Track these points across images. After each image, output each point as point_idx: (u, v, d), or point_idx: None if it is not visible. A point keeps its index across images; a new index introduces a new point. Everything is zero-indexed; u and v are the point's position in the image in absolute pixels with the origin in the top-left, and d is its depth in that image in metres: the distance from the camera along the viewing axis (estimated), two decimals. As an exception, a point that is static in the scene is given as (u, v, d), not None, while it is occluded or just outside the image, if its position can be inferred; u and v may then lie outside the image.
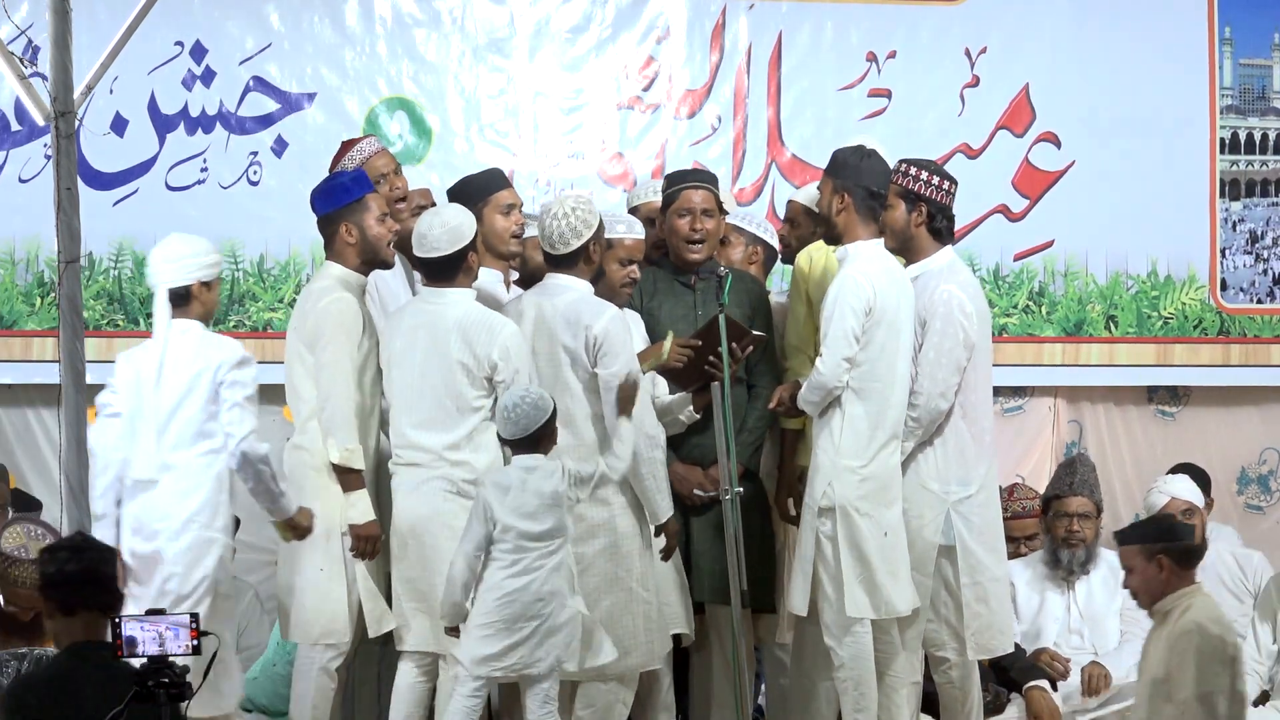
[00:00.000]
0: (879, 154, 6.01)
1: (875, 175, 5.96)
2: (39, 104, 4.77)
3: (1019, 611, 6.97)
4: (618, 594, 5.81)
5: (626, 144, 7.67)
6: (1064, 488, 7.11)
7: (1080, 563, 7.03)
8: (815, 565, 5.90)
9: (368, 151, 6.35)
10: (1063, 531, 7.04)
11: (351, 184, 5.95)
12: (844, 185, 5.93)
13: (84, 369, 4.71)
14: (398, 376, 5.81)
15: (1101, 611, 7.04)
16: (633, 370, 5.80)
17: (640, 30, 7.69)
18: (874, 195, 5.95)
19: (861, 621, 5.85)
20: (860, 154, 5.98)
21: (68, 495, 4.62)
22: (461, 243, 5.77)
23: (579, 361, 5.79)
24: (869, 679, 5.88)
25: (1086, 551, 7.05)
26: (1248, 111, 8.19)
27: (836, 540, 5.85)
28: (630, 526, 5.85)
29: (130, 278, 7.24)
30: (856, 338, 5.84)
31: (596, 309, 5.81)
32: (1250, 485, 8.31)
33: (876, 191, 5.95)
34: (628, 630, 5.80)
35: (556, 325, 5.80)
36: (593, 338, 5.75)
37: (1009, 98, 7.89)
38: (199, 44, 7.35)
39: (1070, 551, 7.02)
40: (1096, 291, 7.99)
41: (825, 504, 5.86)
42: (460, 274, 5.80)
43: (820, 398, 5.90)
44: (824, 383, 5.86)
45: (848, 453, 5.86)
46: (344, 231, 5.87)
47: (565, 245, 5.84)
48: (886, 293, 5.89)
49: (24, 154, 7.19)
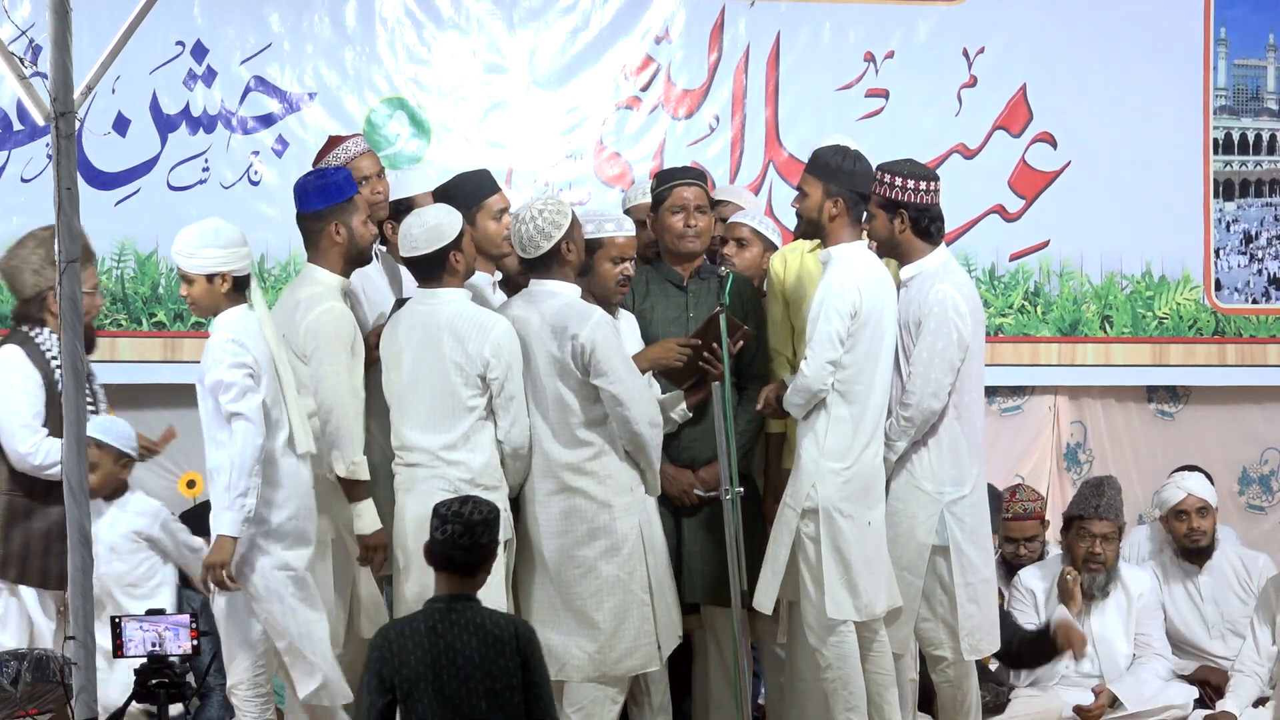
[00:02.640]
0: (862, 154, 6.03)
1: (865, 179, 5.97)
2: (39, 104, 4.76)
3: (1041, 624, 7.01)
4: (618, 596, 5.83)
5: (624, 144, 7.69)
6: (1089, 509, 7.10)
7: (1100, 586, 7.06)
8: (798, 565, 5.91)
9: (354, 151, 6.28)
10: (1084, 553, 7.04)
11: (344, 183, 5.93)
12: (837, 191, 5.93)
13: (84, 368, 4.72)
14: (394, 379, 5.82)
15: (1113, 634, 7.06)
16: (630, 372, 5.82)
17: (639, 30, 7.71)
18: (864, 198, 5.97)
19: (845, 622, 5.87)
20: (848, 157, 5.97)
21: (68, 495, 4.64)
22: (442, 241, 5.77)
23: (568, 370, 5.80)
24: (856, 679, 5.90)
25: (1107, 575, 7.07)
26: (1242, 112, 8.21)
27: (819, 541, 5.86)
28: (630, 529, 5.87)
29: (132, 277, 7.26)
30: (841, 341, 5.85)
31: (581, 315, 5.80)
32: (1252, 485, 8.33)
33: (865, 195, 5.97)
34: (627, 633, 5.83)
35: (544, 335, 5.81)
36: (579, 346, 5.75)
37: (1006, 98, 7.92)
38: (200, 44, 7.37)
39: (1090, 575, 7.03)
40: (1091, 292, 8.01)
41: (809, 505, 5.87)
42: (446, 274, 5.80)
43: (805, 400, 5.91)
44: (809, 386, 5.87)
45: (832, 454, 5.88)
46: (332, 230, 5.82)
47: (536, 248, 5.84)
48: (871, 295, 5.90)
49: (26, 154, 7.20)
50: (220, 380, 5.55)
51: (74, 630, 4.61)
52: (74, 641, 4.59)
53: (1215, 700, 6.92)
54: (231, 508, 5.50)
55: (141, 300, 7.24)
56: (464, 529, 4.96)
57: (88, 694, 4.59)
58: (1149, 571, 7.29)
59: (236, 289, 5.66)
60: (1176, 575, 7.32)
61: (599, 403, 5.82)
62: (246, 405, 5.53)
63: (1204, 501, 7.25)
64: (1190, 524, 7.24)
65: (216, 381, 5.57)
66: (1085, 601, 7.03)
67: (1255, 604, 7.08)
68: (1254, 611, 7.03)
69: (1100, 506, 7.07)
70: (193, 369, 7.10)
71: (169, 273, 7.30)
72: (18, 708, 5.13)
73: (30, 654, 5.08)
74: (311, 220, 5.88)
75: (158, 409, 7.34)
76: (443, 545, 4.97)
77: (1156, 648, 7.07)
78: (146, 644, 4.44)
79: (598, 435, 5.85)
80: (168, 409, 7.35)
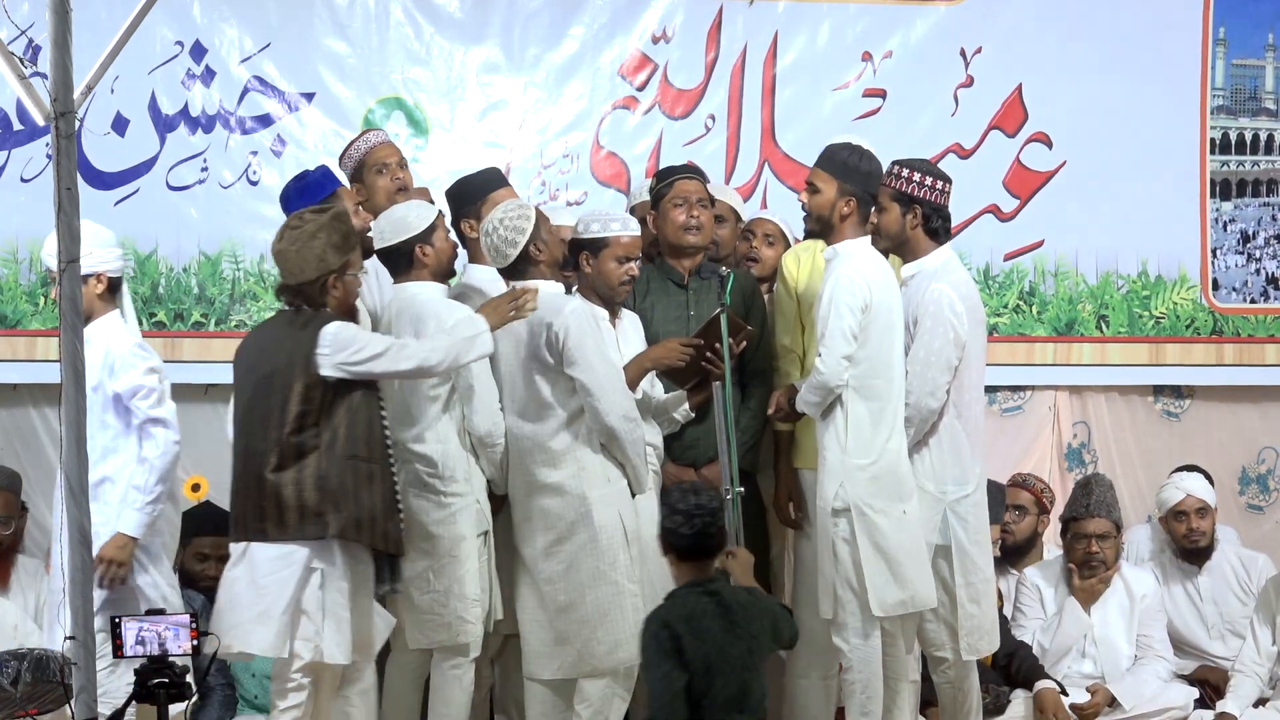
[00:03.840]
0: (874, 155, 6.04)
1: (876, 179, 6.00)
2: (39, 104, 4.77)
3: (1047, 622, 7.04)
4: (603, 588, 5.83)
5: (621, 144, 7.69)
6: (1081, 509, 7.10)
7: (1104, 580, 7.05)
8: (829, 569, 5.90)
9: (373, 141, 6.39)
10: (1082, 554, 7.03)
11: (323, 178, 5.99)
12: (851, 190, 5.94)
13: (84, 369, 4.73)
14: None
15: (1115, 634, 7.06)
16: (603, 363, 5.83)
17: (637, 30, 7.71)
18: (873, 198, 5.99)
19: (876, 626, 5.85)
20: (864, 157, 5.99)
21: (68, 495, 4.65)
22: (407, 234, 5.82)
23: (544, 361, 5.82)
24: (876, 683, 5.90)
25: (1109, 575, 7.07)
26: (1239, 112, 8.22)
27: (855, 541, 5.84)
28: (609, 519, 5.85)
29: (132, 277, 7.26)
30: (854, 335, 5.85)
31: (557, 305, 5.83)
32: (1251, 485, 8.33)
33: (874, 196, 5.99)
34: (617, 624, 5.81)
35: (522, 329, 5.84)
36: (554, 334, 5.77)
37: (1002, 98, 7.92)
38: (198, 44, 7.37)
39: (1091, 574, 7.03)
40: (1087, 291, 8.02)
41: (839, 505, 5.85)
42: (415, 267, 5.85)
43: (821, 398, 5.91)
44: (825, 382, 5.87)
45: (855, 451, 5.87)
46: None
47: (505, 257, 5.86)
48: (880, 289, 5.91)
49: (25, 154, 7.20)
50: (139, 386, 5.63)
51: (74, 630, 4.62)
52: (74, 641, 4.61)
53: (1215, 700, 6.92)
54: (143, 511, 5.65)
55: (141, 300, 7.25)
56: (710, 518, 5.11)
57: (88, 694, 4.60)
58: (1150, 572, 7.29)
59: (110, 291, 5.72)
60: (1176, 576, 7.31)
61: (575, 395, 5.83)
62: (166, 410, 5.61)
63: (1203, 502, 7.25)
64: (1189, 524, 7.24)
65: (134, 387, 5.63)
66: (1089, 599, 7.03)
67: (1255, 604, 7.08)
68: (1254, 611, 7.03)
69: (1091, 505, 7.07)
70: (192, 369, 7.24)
71: (168, 273, 7.32)
72: (18, 708, 5.13)
73: (30, 654, 5.08)
74: None
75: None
76: (694, 538, 5.10)
77: (1158, 649, 7.06)
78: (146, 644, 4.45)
79: (573, 429, 5.86)
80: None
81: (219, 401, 7.34)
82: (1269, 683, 6.94)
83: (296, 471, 5.42)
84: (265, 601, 5.42)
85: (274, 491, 5.42)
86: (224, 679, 6.46)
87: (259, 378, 5.50)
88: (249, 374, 5.56)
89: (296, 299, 5.51)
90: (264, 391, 5.46)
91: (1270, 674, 6.94)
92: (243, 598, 5.46)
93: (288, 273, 5.50)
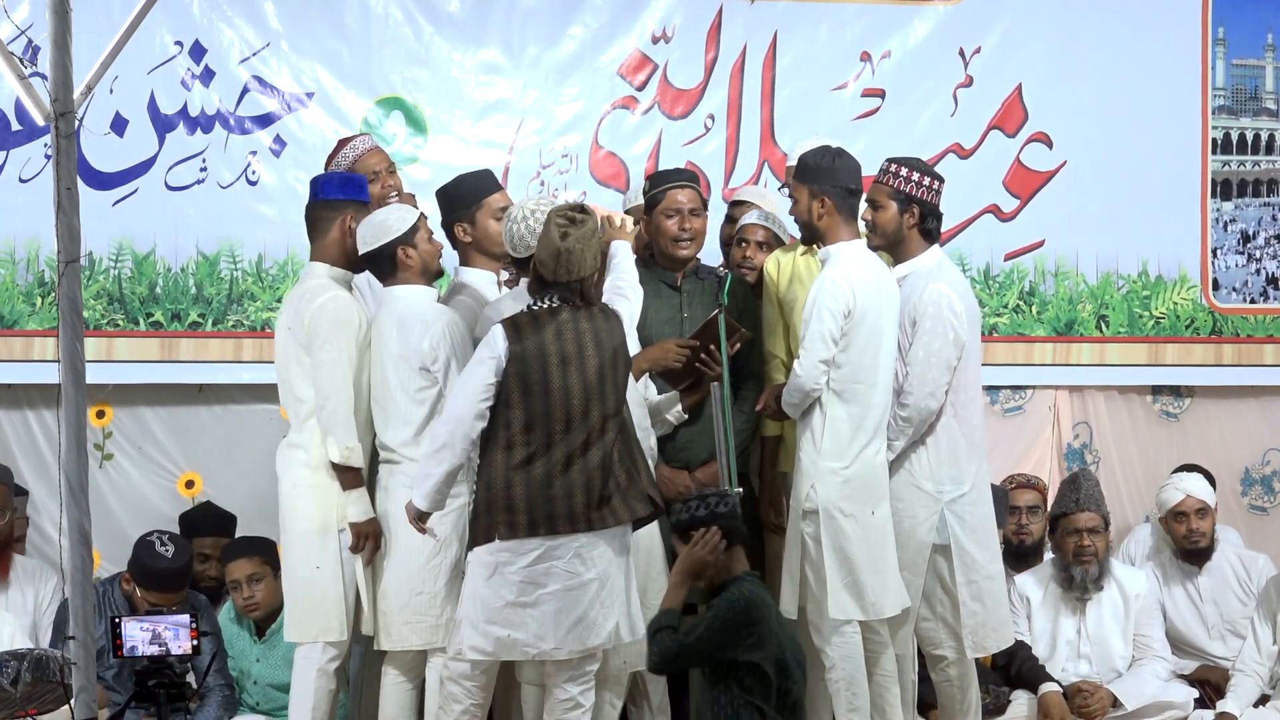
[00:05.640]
0: (846, 151, 6.03)
1: (850, 173, 5.96)
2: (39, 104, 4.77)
3: (1033, 634, 7.03)
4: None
5: (620, 144, 7.68)
6: (1069, 504, 7.10)
7: (1093, 579, 7.04)
8: (802, 567, 5.92)
9: (361, 149, 6.37)
10: (1073, 548, 7.03)
11: (364, 186, 6.03)
12: (821, 189, 5.92)
13: (84, 369, 4.72)
14: (368, 376, 5.86)
15: (1110, 634, 7.06)
16: None
17: (637, 30, 7.71)
18: (852, 193, 5.96)
19: (849, 623, 5.86)
20: (828, 154, 5.97)
21: (68, 495, 4.65)
22: (388, 237, 5.82)
23: None
24: (860, 679, 5.89)
25: (1099, 567, 7.06)
26: (1240, 112, 8.22)
27: (820, 542, 5.85)
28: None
29: (130, 277, 7.26)
30: (835, 340, 5.84)
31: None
32: (1254, 486, 8.32)
33: (854, 189, 5.96)
34: None
35: None
36: None
37: (1001, 98, 7.92)
38: (198, 44, 7.36)
39: (1083, 568, 7.02)
40: (1087, 291, 8.02)
41: (809, 506, 5.87)
42: (399, 270, 5.84)
43: (799, 400, 5.91)
44: (801, 385, 5.87)
45: (829, 454, 5.87)
46: (343, 221, 5.90)
47: (527, 248, 5.72)
48: (868, 293, 5.88)
49: (24, 154, 7.19)
50: None
51: (74, 630, 4.62)
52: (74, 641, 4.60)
53: (1215, 700, 6.92)
54: None
55: (139, 300, 7.24)
56: (719, 496, 5.44)
57: (88, 694, 4.60)
58: (1147, 572, 7.29)
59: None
60: (1176, 576, 7.31)
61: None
62: None
63: (1202, 503, 7.25)
64: (1189, 525, 7.24)
65: None
66: (1081, 597, 7.03)
67: (1255, 603, 7.08)
68: (1254, 611, 7.03)
69: (1079, 499, 7.08)
70: (192, 369, 7.23)
71: (166, 273, 7.31)
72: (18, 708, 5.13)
73: (30, 654, 5.09)
74: (324, 208, 5.94)
75: (154, 408, 7.37)
76: (709, 518, 5.43)
77: (1156, 649, 7.07)
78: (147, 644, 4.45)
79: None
80: (164, 408, 7.38)
81: (214, 402, 7.39)
82: (1269, 682, 6.93)
83: (622, 454, 5.58)
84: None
85: (615, 475, 5.58)
86: (224, 679, 6.45)
87: (597, 366, 5.52)
88: (563, 366, 5.51)
89: (571, 294, 5.53)
90: (599, 380, 5.51)
91: (1271, 673, 6.94)
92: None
93: (566, 269, 5.50)
